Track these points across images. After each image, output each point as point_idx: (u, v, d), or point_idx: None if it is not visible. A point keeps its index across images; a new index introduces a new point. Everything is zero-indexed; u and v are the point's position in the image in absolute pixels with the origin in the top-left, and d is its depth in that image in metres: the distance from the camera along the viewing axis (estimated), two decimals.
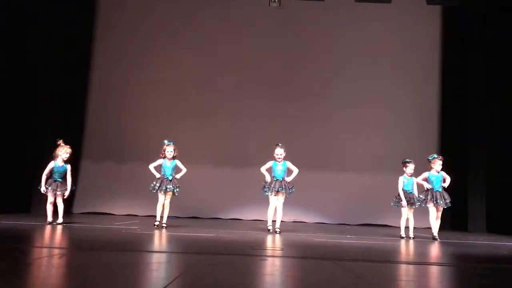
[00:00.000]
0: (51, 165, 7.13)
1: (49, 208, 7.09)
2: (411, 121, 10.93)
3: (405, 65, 11.13)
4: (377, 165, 9.97)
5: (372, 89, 11.02)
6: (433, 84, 11.13)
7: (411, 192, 7.30)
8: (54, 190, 7.05)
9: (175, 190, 7.16)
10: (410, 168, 7.31)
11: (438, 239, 6.92)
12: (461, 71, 10.82)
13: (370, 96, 11.02)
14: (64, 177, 7.17)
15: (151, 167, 7.28)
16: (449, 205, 7.22)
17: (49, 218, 7.00)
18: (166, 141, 7.33)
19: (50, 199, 7.09)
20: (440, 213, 7.16)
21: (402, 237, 7.15)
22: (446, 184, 7.19)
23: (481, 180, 10.33)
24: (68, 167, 7.21)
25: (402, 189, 7.28)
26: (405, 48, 11.22)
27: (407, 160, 7.40)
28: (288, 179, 7.15)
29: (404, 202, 7.22)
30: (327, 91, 11.05)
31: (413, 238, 7.11)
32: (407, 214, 7.27)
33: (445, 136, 10.85)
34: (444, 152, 10.59)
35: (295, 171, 7.21)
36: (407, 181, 7.33)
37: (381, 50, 11.18)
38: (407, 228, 7.27)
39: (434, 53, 11.21)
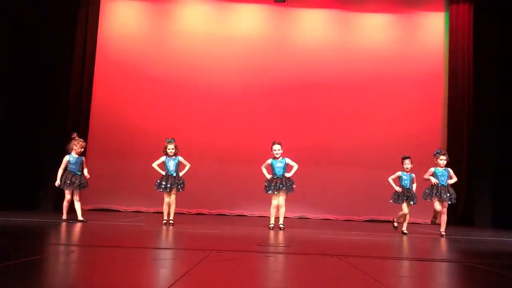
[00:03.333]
0: (66, 158, 7.13)
1: (65, 205, 7.11)
2: (417, 117, 10.94)
3: (411, 61, 11.14)
4: (383, 161, 9.95)
5: (378, 84, 11.05)
6: (439, 80, 11.15)
7: (408, 188, 7.30)
8: (72, 185, 7.01)
9: (179, 187, 7.15)
10: (406, 163, 7.33)
11: (444, 235, 6.92)
12: (467, 67, 10.84)
13: (376, 91, 11.04)
14: (81, 170, 7.17)
15: (154, 165, 7.26)
16: (454, 201, 7.19)
17: (64, 215, 7.03)
18: (167, 139, 7.32)
19: (68, 196, 7.09)
20: (445, 209, 7.14)
21: (395, 227, 7.19)
22: (451, 181, 7.16)
23: (488, 175, 10.32)
24: (83, 159, 7.27)
25: (400, 185, 7.31)
26: (411, 45, 11.26)
27: (404, 156, 7.42)
28: (288, 175, 7.16)
29: (397, 188, 7.30)
30: (333, 86, 11.06)
31: (407, 234, 7.11)
32: (406, 210, 7.28)
33: (451, 131, 10.83)
34: (450, 147, 10.61)
35: (295, 166, 7.21)
36: (406, 177, 7.34)
37: (388, 46, 11.21)
38: (400, 223, 7.31)
39: (440, 49, 11.23)
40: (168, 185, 7.06)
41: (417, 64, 11.13)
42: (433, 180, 7.14)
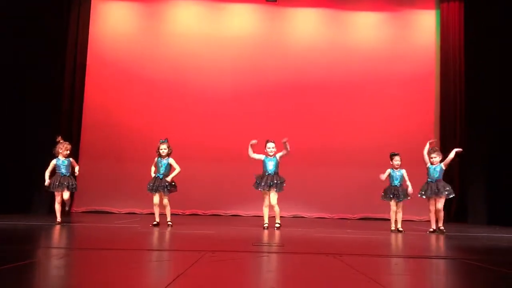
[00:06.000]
0: (53, 162, 7.14)
1: (58, 208, 7.08)
2: (410, 115, 10.99)
3: (403, 59, 11.20)
4: (377, 159, 9.95)
5: (371, 83, 11.09)
6: (431, 77, 11.21)
7: (395, 185, 7.30)
8: (61, 186, 7.02)
9: (165, 190, 7.03)
10: (395, 160, 7.32)
11: (444, 231, 6.93)
12: (458, 64, 10.91)
13: (368, 90, 11.09)
14: (71, 171, 7.21)
15: (152, 168, 7.23)
16: (451, 195, 7.16)
17: (58, 218, 6.99)
18: (160, 140, 7.29)
19: (58, 198, 7.08)
20: (439, 205, 7.12)
21: (392, 231, 7.17)
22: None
23: (481, 172, 10.38)
24: (72, 160, 7.29)
25: (390, 183, 7.33)
26: (403, 43, 11.32)
27: (392, 153, 7.42)
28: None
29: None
30: (325, 86, 11.08)
31: (402, 231, 7.11)
32: (395, 207, 7.27)
33: (444, 129, 10.89)
34: (443, 144, 10.66)
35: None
36: (395, 174, 7.34)
37: (379, 45, 11.26)
38: (396, 221, 7.30)
39: (432, 47, 11.29)
40: (154, 187, 7.02)
41: (409, 62, 11.18)
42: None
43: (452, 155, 7.17)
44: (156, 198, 7.08)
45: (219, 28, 11.32)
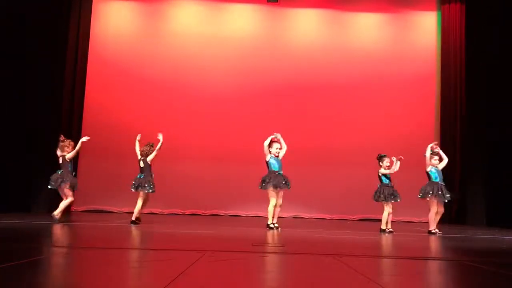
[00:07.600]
0: (69, 156, 7.18)
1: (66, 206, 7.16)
2: (410, 116, 11.00)
3: (404, 61, 11.21)
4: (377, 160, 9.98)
5: (372, 84, 11.11)
6: (431, 79, 11.22)
7: (386, 185, 7.41)
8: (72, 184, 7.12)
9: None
10: (385, 161, 7.38)
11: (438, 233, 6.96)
12: (459, 66, 10.92)
13: (369, 91, 11.10)
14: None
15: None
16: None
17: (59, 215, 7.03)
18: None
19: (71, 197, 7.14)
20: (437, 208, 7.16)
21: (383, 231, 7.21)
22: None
23: (481, 173, 10.38)
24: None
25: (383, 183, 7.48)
26: (404, 44, 11.33)
27: (381, 155, 7.45)
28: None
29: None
30: (326, 86, 11.09)
31: (390, 231, 7.16)
32: (388, 208, 7.35)
33: (444, 130, 10.89)
34: (443, 146, 10.65)
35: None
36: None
37: (380, 46, 11.27)
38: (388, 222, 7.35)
39: (432, 48, 11.31)
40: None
41: (410, 64, 11.20)
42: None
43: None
44: None
45: (220, 28, 11.33)
